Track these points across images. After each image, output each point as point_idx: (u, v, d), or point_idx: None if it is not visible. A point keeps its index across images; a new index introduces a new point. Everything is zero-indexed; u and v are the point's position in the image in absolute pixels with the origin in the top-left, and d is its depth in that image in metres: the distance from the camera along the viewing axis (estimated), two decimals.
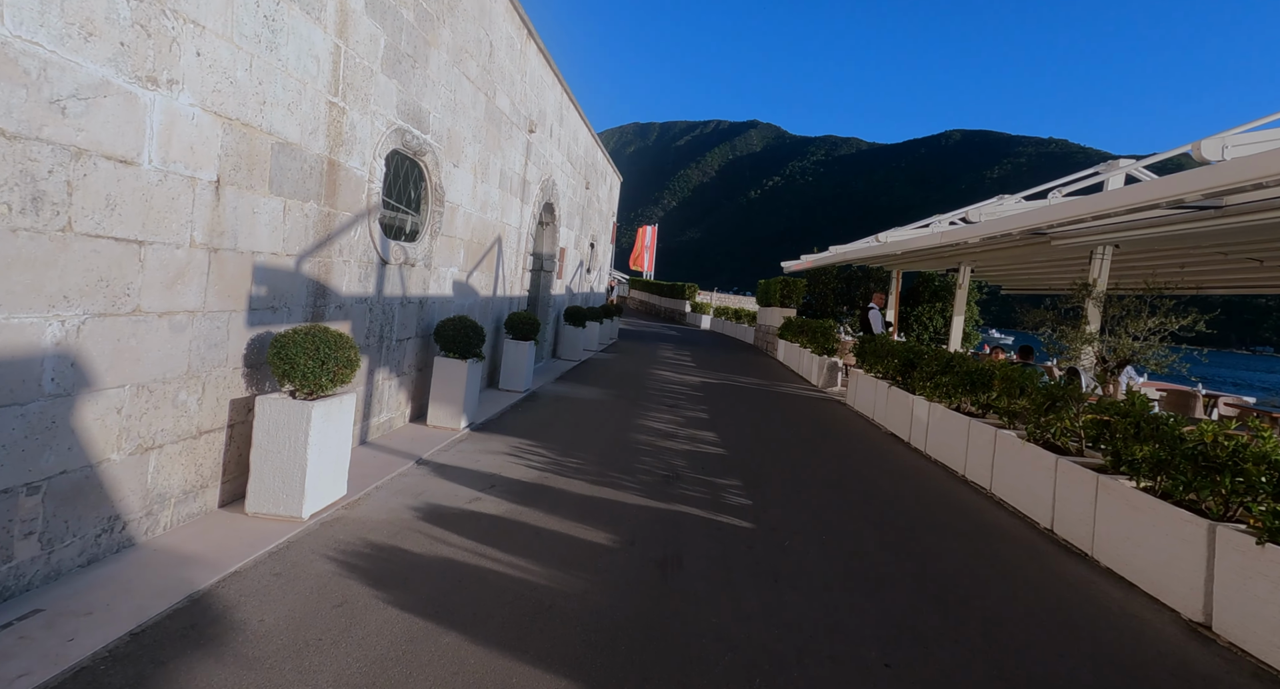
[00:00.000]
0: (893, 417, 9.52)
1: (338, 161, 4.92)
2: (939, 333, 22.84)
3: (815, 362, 14.91)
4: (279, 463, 3.94)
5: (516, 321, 9.60)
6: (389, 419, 6.43)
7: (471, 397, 7.11)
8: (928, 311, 22.78)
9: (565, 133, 12.92)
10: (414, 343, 6.83)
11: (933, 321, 22.76)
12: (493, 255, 9.20)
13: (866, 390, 10.92)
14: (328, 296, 5.02)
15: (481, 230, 8.54)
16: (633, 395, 10.64)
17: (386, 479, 5.08)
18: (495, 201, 8.96)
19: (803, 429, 9.38)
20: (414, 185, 6.63)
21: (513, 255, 10.22)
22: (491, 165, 8.62)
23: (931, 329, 22.74)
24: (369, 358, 5.85)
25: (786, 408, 11.15)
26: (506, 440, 6.85)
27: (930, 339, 22.51)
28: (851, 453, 8.14)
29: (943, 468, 7.60)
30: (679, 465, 6.61)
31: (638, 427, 8.27)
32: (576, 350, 14.39)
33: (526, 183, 10.47)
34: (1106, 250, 10.75)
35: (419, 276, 6.72)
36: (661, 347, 20.64)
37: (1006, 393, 6.77)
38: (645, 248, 38.77)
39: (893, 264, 19.63)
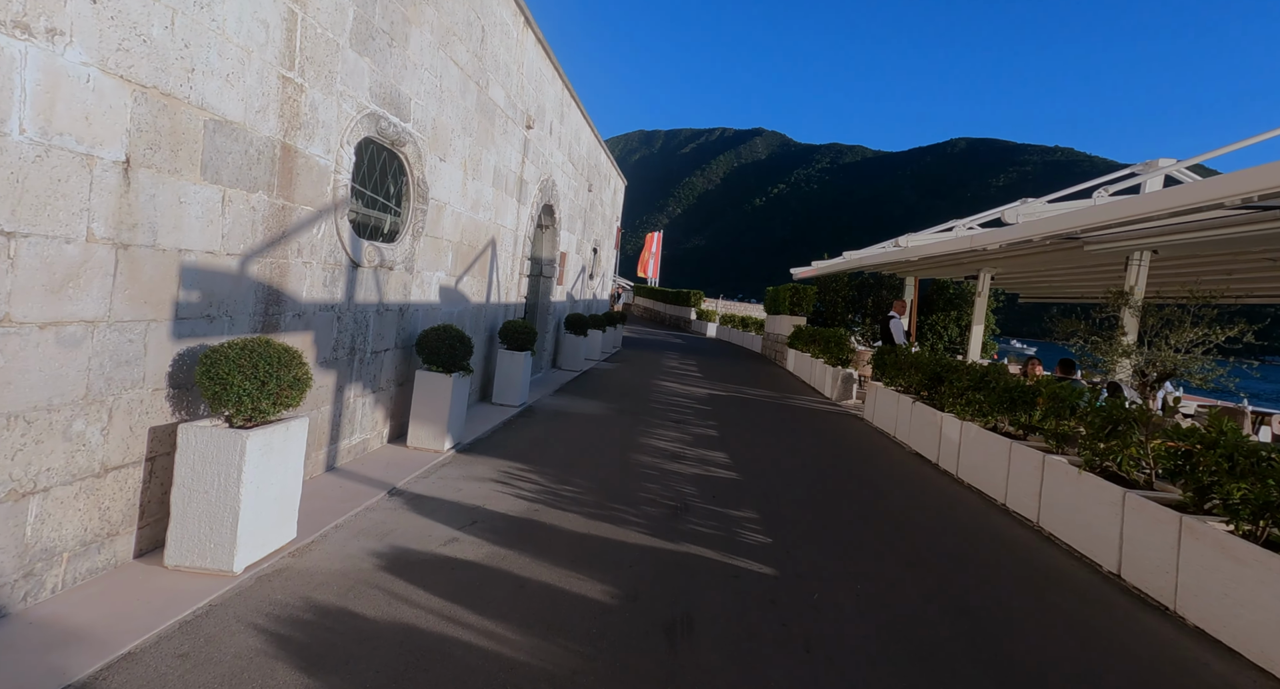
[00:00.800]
0: (918, 435, 8.78)
1: (294, 147, 4.25)
2: (954, 342, 22.07)
3: (828, 373, 14.18)
4: (206, 505, 3.24)
5: (511, 331, 8.91)
6: (363, 441, 5.74)
7: (457, 414, 6.41)
8: (942, 320, 22.03)
9: (566, 131, 12.28)
10: (393, 355, 6.15)
11: (947, 330, 22.02)
12: (486, 259, 8.53)
13: (887, 405, 10.19)
14: (283, 304, 4.34)
15: (473, 232, 7.87)
16: (636, 409, 9.94)
17: (349, 516, 4.38)
18: (488, 201, 8.29)
19: (820, 449, 8.65)
20: (393, 180, 5.96)
21: (508, 259, 9.55)
22: (484, 162, 7.96)
23: (946, 338, 21.99)
24: (337, 373, 5.16)
25: (800, 424, 10.42)
26: (495, 463, 6.15)
27: (945, 348, 21.74)
28: (876, 477, 7.40)
29: (979, 495, 6.86)
30: (688, 493, 5.89)
31: (642, 446, 7.56)
32: (578, 360, 13.70)
33: (524, 182, 9.81)
34: (1144, 256, 10.02)
35: (399, 281, 6.04)
36: (667, 355, 19.94)
37: (1054, 413, 6.04)
38: (652, 254, 38.15)
39: (907, 271, 18.93)
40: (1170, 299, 10.30)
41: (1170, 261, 10.44)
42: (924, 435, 8.55)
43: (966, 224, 13.61)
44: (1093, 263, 11.86)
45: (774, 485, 6.50)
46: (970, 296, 22.16)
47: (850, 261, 16.44)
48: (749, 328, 28.68)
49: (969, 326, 22.17)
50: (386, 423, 6.20)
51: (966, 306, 22.00)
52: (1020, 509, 6.14)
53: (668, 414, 9.85)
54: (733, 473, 6.82)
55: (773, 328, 23.28)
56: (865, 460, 8.20)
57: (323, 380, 4.96)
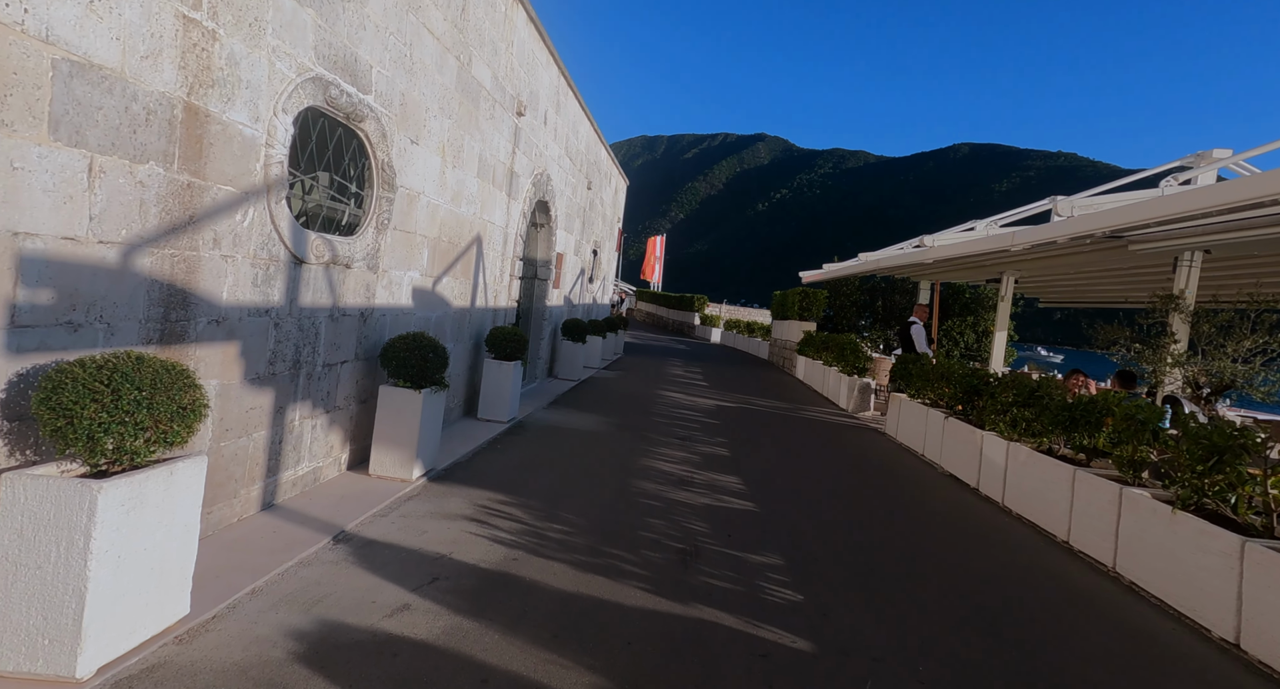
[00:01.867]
0: (952, 455, 7.86)
1: (205, 109, 3.37)
2: (970, 348, 21.17)
3: (843, 382, 13.27)
4: (37, 586, 2.35)
5: (499, 339, 8.02)
6: (313, 470, 4.84)
7: (429, 435, 5.51)
8: (958, 325, 21.12)
9: (563, 123, 11.41)
10: (353, 368, 5.26)
11: (964, 336, 21.11)
12: (470, 258, 7.64)
13: (913, 419, 9.27)
14: (192, 307, 3.45)
15: (454, 227, 6.99)
16: (638, 424, 9.03)
17: (274, 575, 3.47)
18: (473, 193, 7.41)
19: (844, 470, 7.73)
20: (352, 163, 5.08)
21: (497, 259, 8.66)
22: (467, 149, 7.08)
23: (963, 344, 21.08)
24: (275, 391, 4.26)
25: (818, 440, 9.50)
26: (472, 495, 5.24)
27: (961, 355, 20.83)
28: (911, 507, 6.48)
29: (1033, 529, 5.93)
30: (698, 531, 4.98)
31: (644, 469, 6.65)
32: (575, 368, 12.81)
33: (514, 175, 8.94)
34: (1196, 256, 9.09)
35: (359, 281, 5.16)
36: (670, 362, 19.03)
37: (1131, 436, 5.12)
38: (655, 258, 37.36)
39: (921, 274, 18.06)
40: (1226, 303, 9.40)
41: (1224, 262, 9.53)
42: (960, 456, 7.63)
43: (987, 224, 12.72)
44: (1132, 264, 10.95)
45: (797, 519, 5.58)
46: (988, 301, 21.26)
47: (865, 264, 15.54)
48: (755, 333, 27.76)
49: (986, 333, 21.27)
50: (345, 447, 5.30)
51: (983, 311, 21.11)
52: (1089, 549, 5.21)
53: (672, 429, 8.94)
54: (748, 503, 5.91)
55: (780, 334, 22.37)
56: (895, 485, 7.27)
57: (255, 401, 4.07)
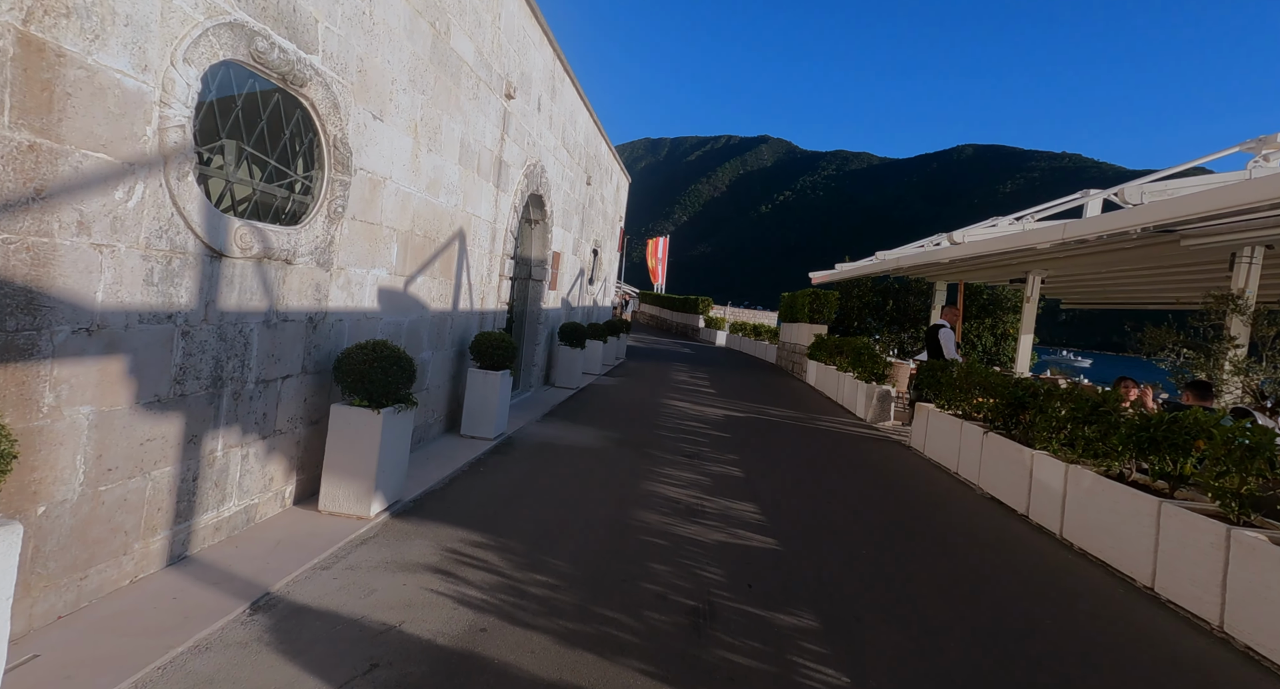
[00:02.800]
0: (993, 475, 6.97)
1: (56, 46, 2.52)
2: (989, 352, 20.24)
3: (860, 389, 12.38)
4: None
5: (485, 346, 7.17)
6: (244, 510, 3.98)
7: (393, 463, 4.66)
8: (975, 328, 20.20)
9: (559, 111, 10.57)
10: (300, 384, 4.41)
11: (981, 340, 20.19)
12: (451, 255, 6.80)
13: (944, 433, 8.38)
14: (43, 312, 2.60)
15: (431, 220, 6.14)
16: (641, 438, 8.16)
17: (149, 671, 2.60)
18: (453, 182, 6.57)
19: (872, 493, 6.84)
20: (297, 137, 4.23)
21: (484, 257, 7.81)
22: (445, 130, 6.24)
23: (980, 348, 20.15)
24: (185, 416, 3.41)
25: (839, 456, 8.62)
26: (442, 535, 4.38)
27: (979, 359, 19.91)
28: (958, 540, 5.59)
29: (1105, 570, 5.04)
30: (711, 580, 4.11)
31: (647, 496, 5.78)
32: (574, 376, 11.95)
33: (504, 165, 8.09)
34: (1257, 252, 8.20)
35: (306, 280, 4.31)
36: (674, 367, 18.16)
37: (1238, 465, 4.23)
38: (658, 260, 36.56)
39: (938, 274, 17.20)
40: None
41: None
42: (1003, 477, 6.74)
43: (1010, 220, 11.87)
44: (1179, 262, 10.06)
45: (828, 561, 4.70)
46: (1006, 302, 20.35)
47: (882, 263, 14.67)
48: (761, 336, 26.89)
49: (1005, 335, 20.35)
50: (291, 478, 4.44)
51: (1002, 313, 20.19)
52: (1184, 601, 4.33)
53: (678, 444, 8.07)
54: (769, 539, 5.03)
55: (789, 337, 21.49)
56: (934, 511, 6.39)
57: (154, 429, 3.21)
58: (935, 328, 10.18)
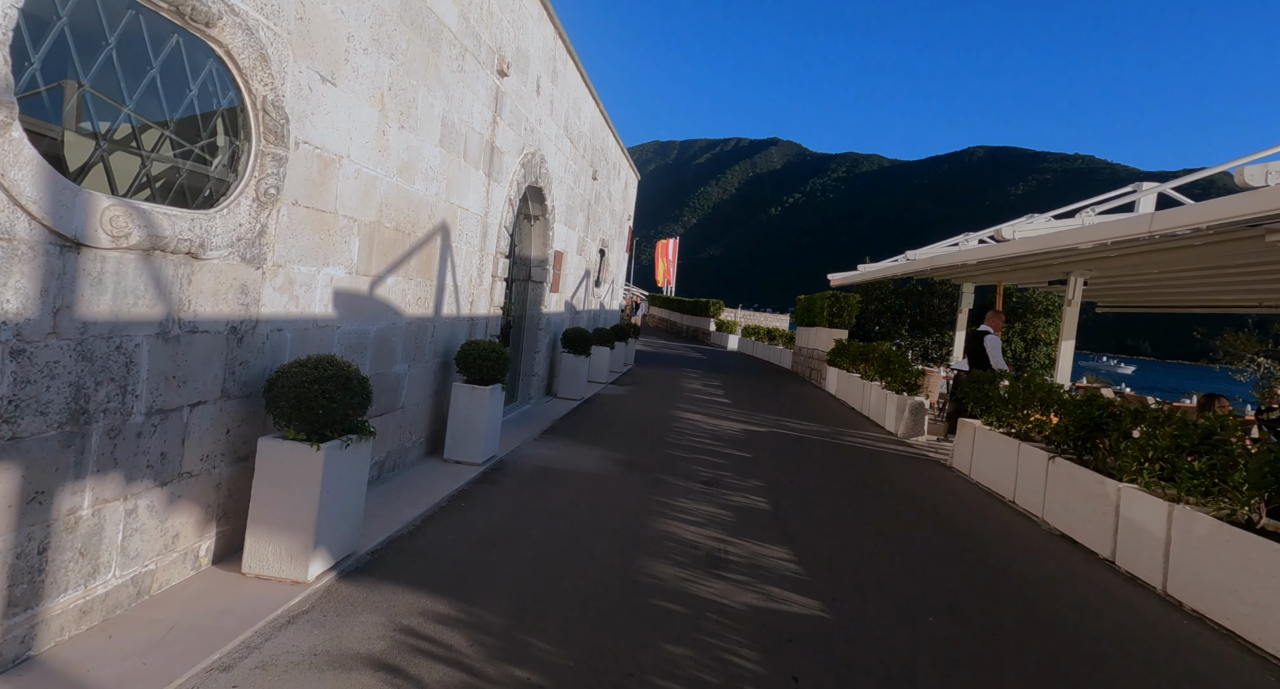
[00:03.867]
0: (1062, 508, 5.96)
1: None
2: (1019, 358, 19.14)
3: (890, 401, 11.37)
4: None
5: (473, 356, 6.22)
6: (132, 580, 3.04)
7: (342, 508, 3.71)
8: (1004, 333, 19.10)
9: (561, 97, 9.63)
10: (217, 412, 3.46)
11: (1011, 345, 19.08)
12: (432, 253, 5.86)
13: (996, 455, 7.36)
14: None
15: (404, 210, 5.21)
16: (651, 461, 7.19)
17: None
18: (432, 166, 5.63)
19: (925, 532, 5.83)
20: (213, 95, 3.29)
21: (474, 255, 6.88)
22: (423, 105, 5.30)
23: (1010, 354, 19.04)
24: (17, 466, 2.46)
25: (877, 480, 7.61)
26: (398, 606, 3.43)
27: None
28: (1044, 596, 4.56)
29: (1236, 643, 4.01)
30: (744, 671, 3.13)
31: (658, 540, 4.81)
32: (578, 385, 10.99)
33: (497, 152, 7.15)
34: None
35: (227, 280, 3.37)
36: (686, 374, 17.18)
37: None
38: (668, 261, 35.66)
39: (966, 276, 16.15)
40: None
41: None
42: (1077, 512, 5.73)
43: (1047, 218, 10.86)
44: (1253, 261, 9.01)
45: (888, 634, 3.71)
46: (1037, 305, 19.24)
47: (911, 264, 13.64)
48: (776, 341, 25.88)
49: (1036, 341, 19.23)
50: (207, 531, 3.50)
51: (1033, 317, 19.09)
52: None
53: (693, 468, 7.09)
54: (810, 600, 4.05)
55: (806, 342, 20.47)
56: (1002, 555, 5.37)
57: None
58: (979, 334, 9.15)
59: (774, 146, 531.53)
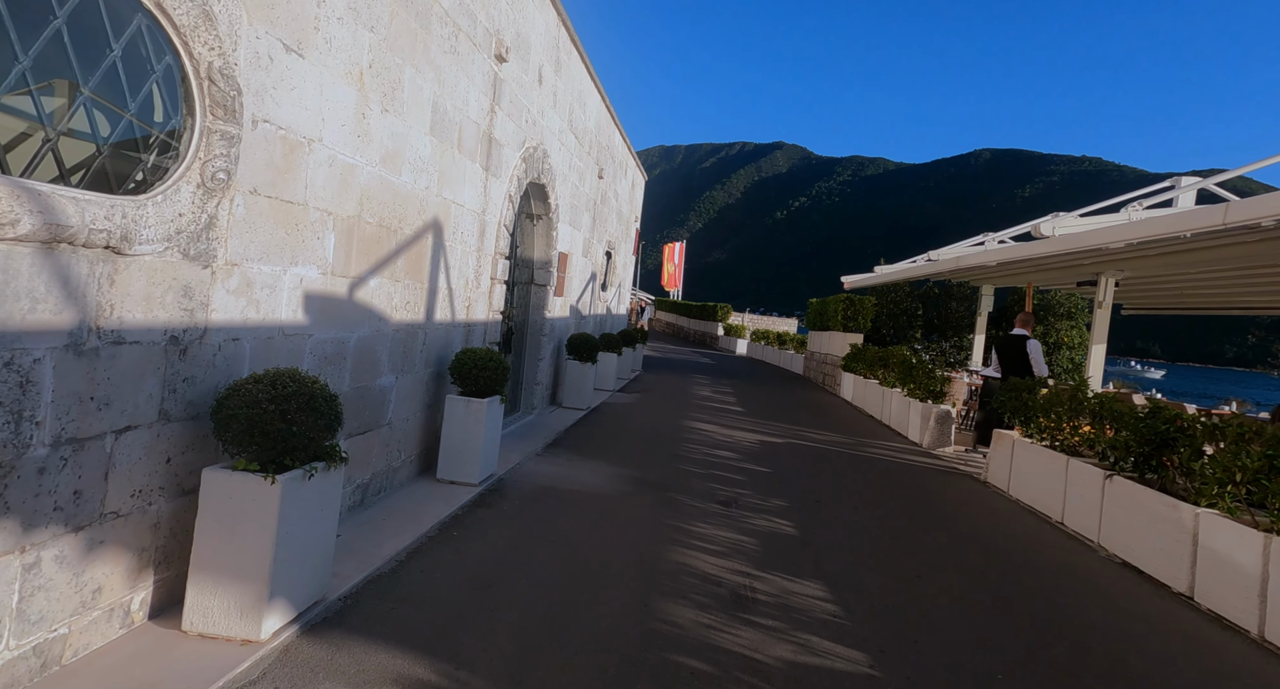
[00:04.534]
0: (1123, 533, 5.34)
1: None
2: None
3: (914, 410, 10.75)
4: None
5: (468, 366, 5.66)
6: (36, 649, 2.46)
7: (305, 550, 3.14)
8: None
9: (565, 89, 9.09)
10: (152, 439, 2.90)
11: None
12: (422, 252, 5.30)
13: (1039, 471, 6.75)
14: None
15: (388, 203, 4.65)
16: (663, 478, 6.60)
17: None
18: (422, 157, 5.08)
19: (971, 559, 5.22)
20: (146, 60, 2.75)
21: (470, 256, 6.32)
22: (409, 87, 4.76)
23: None
24: None
25: (909, 499, 7.00)
26: (369, 671, 2.84)
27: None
28: (1117, 640, 3.95)
29: None
30: None
31: (675, 575, 4.22)
32: (584, 394, 10.42)
33: (495, 143, 6.61)
34: None
35: (163, 280, 2.82)
36: (695, 380, 16.59)
37: None
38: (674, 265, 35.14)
39: (984, 278, 15.53)
40: None
41: None
42: (1143, 538, 5.11)
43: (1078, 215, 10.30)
44: None
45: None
46: (1058, 307, 18.58)
47: (938, 265, 13.06)
48: (786, 345, 25.26)
49: (1058, 345, 18.55)
50: (141, 581, 2.93)
51: (1055, 320, 18.41)
52: None
53: (709, 485, 6.50)
54: (857, 653, 3.45)
55: (819, 346, 19.86)
56: (1060, 588, 4.75)
57: None
58: (1017, 339, 8.50)
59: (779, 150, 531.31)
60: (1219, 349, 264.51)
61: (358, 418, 4.62)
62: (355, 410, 4.57)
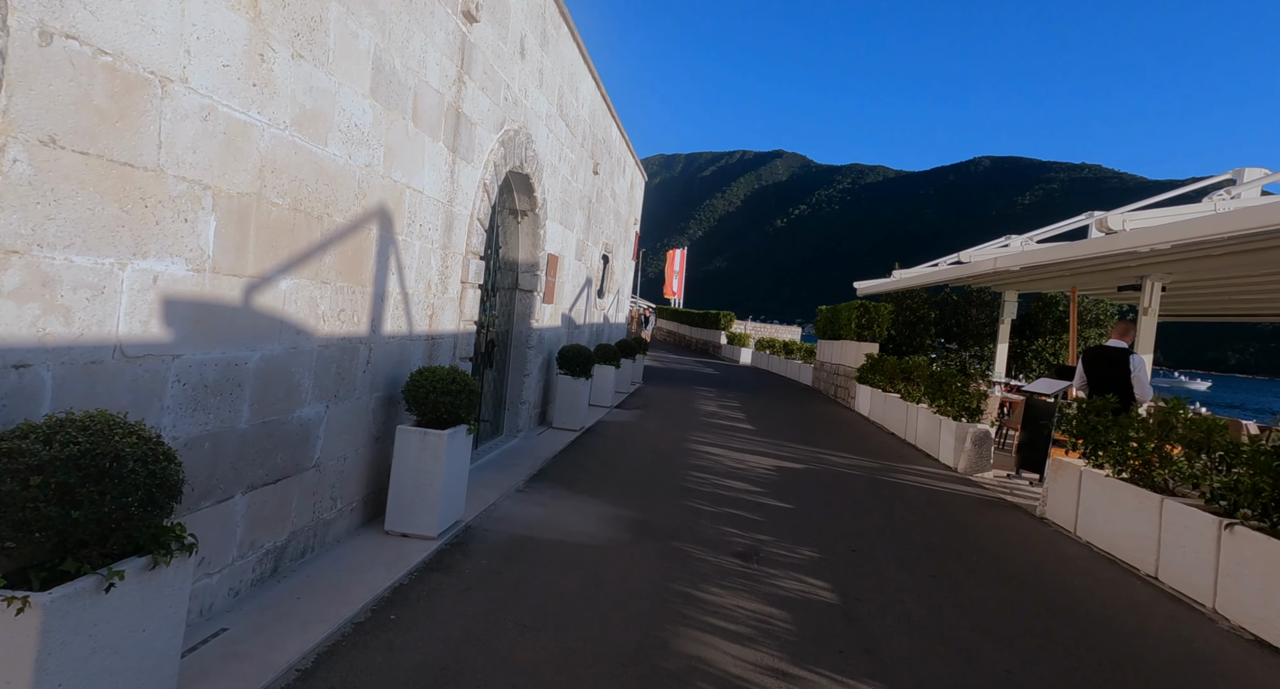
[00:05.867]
0: (1256, 599, 4.20)
1: None
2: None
3: (947, 429, 9.61)
4: None
5: (424, 390, 4.53)
6: None
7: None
8: (1051, 345, 17.27)
9: (554, 67, 8.00)
10: None
11: (1059, 358, 17.25)
12: (363, 247, 4.18)
13: (1120, 511, 5.60)
14: None
15: (306, 180, 3.53)
16: (666, 520, 5.45)
17: None
18: (358, 124, 3.97)
19: (1060, 632, 4.06)
20: None
21: (431, 254, 5.20)
22: (335, 29, 3.65)
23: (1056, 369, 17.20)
24: None
25: (959, 541, 5.84)
26: None
27: None
28: None
29: None
30: None
31: (685, 677, 3.08)
32: (577, 413, 9.28)
33: (465, 120, 5.51)
34: None
35: None
36: (699, 394, 15.44)
37: None
38: (675, 273, 34.09)
39: (1006, 283, 14.44)
40: None
41: None
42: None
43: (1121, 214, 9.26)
44: None
45: None
46: (1086, 314, 17.42)
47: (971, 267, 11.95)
48: (794, 355, 24.12)
49: None
50: None
51: (1082, 327, 17.26)
52: None
53: (723, 529, 5.35)
54: None
55: (830, 356, 18.72)
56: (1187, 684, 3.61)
57: None
58: (1116, 352, 7.06)
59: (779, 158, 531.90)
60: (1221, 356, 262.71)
61: (265, 463, 3.49)
62: (260, 453, 3.44)
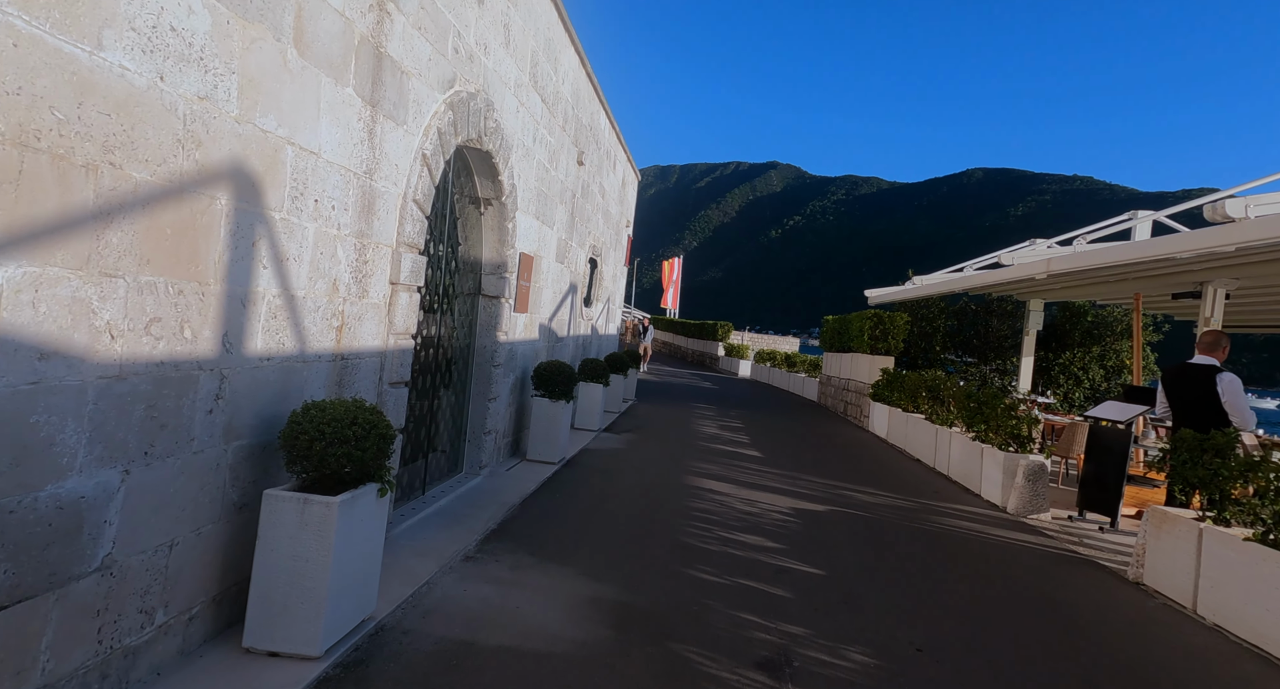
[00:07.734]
0: None
1: None
2: (1096, 389, 15.94)
3: (991, 460, 8.17)
4: None
5: (308, 435, 3.06)
6: None
7: None
8: (1080, 358, 15.90)
9: (525, 25, 6.60)
10: None
11: (1088, 373, 15.89)
12: (205, 223, 2.73)
13: (1264, 586, 4.17)
14: None
15: (64, 100, 2.09)
16: (660, 606, 3.98)
17: None
18: (182, 28, 2.53)
19: None
20: None
21: (340, 243, 3.76)
22: None
23: (1087, 383, 15.84)
24: None
25: (1053, 629, 4.38)
26: None
27: (1085, 398, 15.62)
28: None
29: None
30: None
31: None
32: (556, 442, 7.81)
33: (391, 64, 4.09)
34: None
35: None
36: (697, 412, 13.99)
37: None
38: (671, 282, 32.75)
39: (1032, 291, 13.11)
40: None
41: None
42: None
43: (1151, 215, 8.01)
44: None
45: None
46: (1116, 325, 16.08)
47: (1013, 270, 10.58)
48: (796, 368, 22.70)
49: (1118, 369, 16.04)
50: None
51: (1112, 339, 15.92)
52: None
53: (738, 616, 3.89)
54: None
55: (838, 370, 17.29)
56: None
57: None
58: (1203, 370, 5.70)
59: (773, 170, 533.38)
60: None
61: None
62: None
